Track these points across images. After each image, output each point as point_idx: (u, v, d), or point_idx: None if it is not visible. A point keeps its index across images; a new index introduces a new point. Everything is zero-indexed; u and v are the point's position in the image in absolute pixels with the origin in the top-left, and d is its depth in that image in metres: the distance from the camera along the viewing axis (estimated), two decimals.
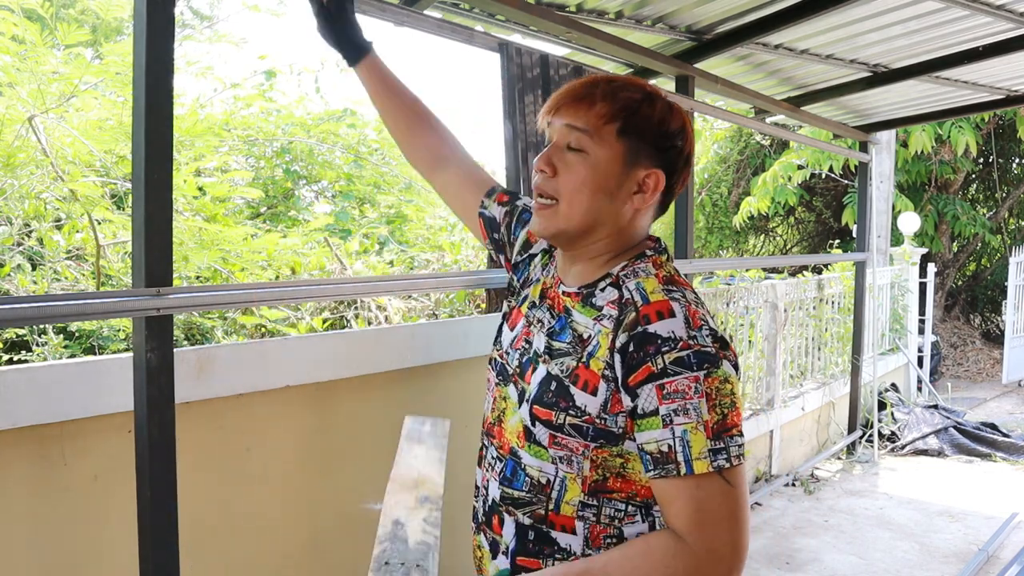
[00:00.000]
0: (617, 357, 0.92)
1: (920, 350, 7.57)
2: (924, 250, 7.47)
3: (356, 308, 3.49)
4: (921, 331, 7.67)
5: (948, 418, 5.44)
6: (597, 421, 0.94)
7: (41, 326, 2.64)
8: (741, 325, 4.48)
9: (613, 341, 0.94)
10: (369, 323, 3.46)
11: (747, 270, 5.89)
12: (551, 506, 0.98)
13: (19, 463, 1.46)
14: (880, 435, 5.34)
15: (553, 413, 0.97)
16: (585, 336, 0.98)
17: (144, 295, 1.43)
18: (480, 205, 1.29)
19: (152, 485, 1.46)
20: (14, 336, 2.70)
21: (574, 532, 0.97)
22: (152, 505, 1.46)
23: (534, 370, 1.02)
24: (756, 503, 4.11)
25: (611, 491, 0.96)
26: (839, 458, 5.03)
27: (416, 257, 4.30)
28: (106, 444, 1.58)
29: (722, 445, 0.87)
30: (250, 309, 3.03)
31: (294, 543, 1.95)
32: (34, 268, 3.09)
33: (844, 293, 5.57)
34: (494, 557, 1.04)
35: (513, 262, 1.23)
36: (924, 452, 5.17)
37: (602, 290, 1.01)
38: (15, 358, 2.59)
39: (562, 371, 0.98)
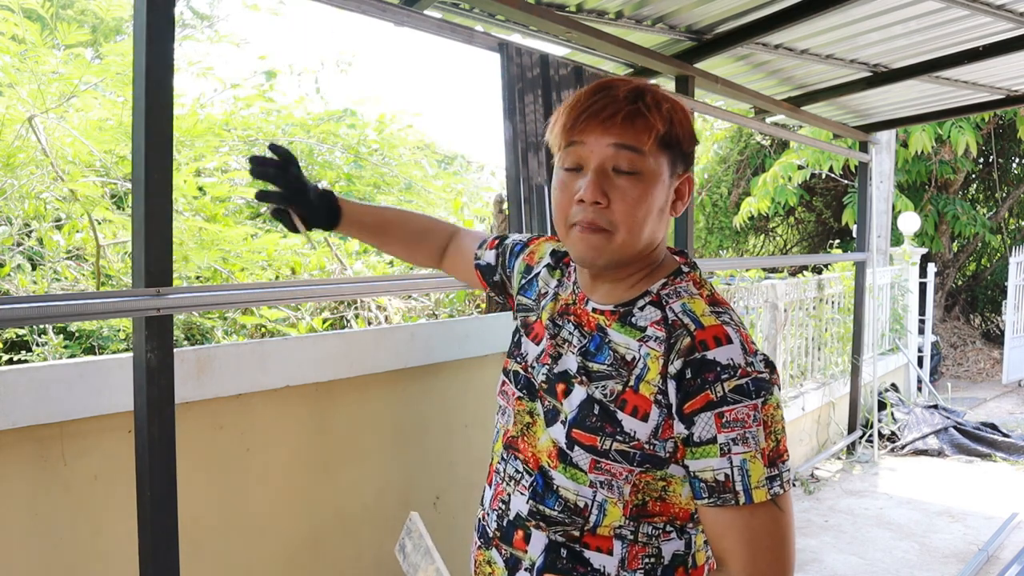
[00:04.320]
0: (672, 383, 0.89)
1: (920, 350, 7.57)
2: (924, 250, 7.47)
3: (356, 308, 3.49)
4: (921, 331, 7.67)
5: (948, 418, 5.44)
6: (646, 447, 0.91)
7: (41, 326, 2.64)
8: None
9: (665, 366, 0.90)
10: (369, 323, 3.46)
11: (747, 270, 5.89)
12: (588, 527, 0.95)
13: (19, 463, 1.46)
14: (880, 435, 5.34)
15: (598, 439, 0.93)
16: (629, 358, 0.94)
17: (144, 295, 1.43)
18: (474, 258, 1.29)
19: (152, 485, 1.46)
20: (14, 336, 2.70)
21: (610, 553, 0.94)
22: (152, 505, 1.47)
23: (566, 390, 0.97)
24: None
25: (651, 514, 0.94)
26: (839, 458, 5.03)
27: None
28: (106, 444, 1.58)
29: (777, 472, 0.86)
30: (250, 309, 3.03)
31: (294, 543, 1.95)
32: (34, 268, 3.09)
33: (844, 293, 5.56)
34: (513, 574, 0.99)
35: (516, 293, 1.19)
36: (924, 452, 5.17)
37: (641, 309, 0.96)
38: (15, 358, 2.59)
39: (605, 395, 0.93)
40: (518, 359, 1.09)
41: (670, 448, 0.90)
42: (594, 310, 1.00)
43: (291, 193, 1.16)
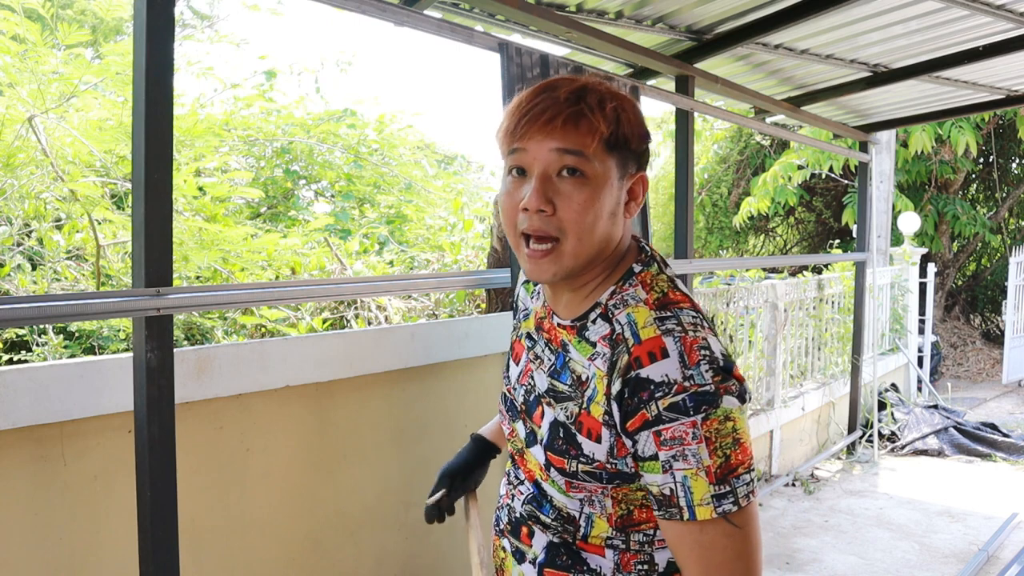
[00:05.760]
0: (614, 404, 0.87)
1: (920, 350, 7.58)
2: (924, 250, 7.47)
3: (356, 308, 3.49)
4: (921, 331, 7.67)
5: (948, 418, 5.44)
6: (608, 466, 0.89)
7: (41, 326, 2.64)
8: (741, 325, 4.48)
9: (609, 387, 0.87)
10: (369, 323, 3.46)
11: (747, 270, 5.89)
12: (579, 535, 0.96)
13: (19, 463, 1.46)
14: (880, 435, 5.34)
15: (565, 461, 0.92)
16: (584, 378, 0.92)
17: (144, 295, 1.43)
18: None
19: (152, 485, 1.46)
20: (14, 336, 2.70)
21: (604, 557, 0.95)
22: (152, 505, 1.47)
23: (542, 412, 0.98)
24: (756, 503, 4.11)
25: (638, 522, 0.93)
26: (839, 458, 5.03)
27: (416, 257, 4.30)
28: (106, 444, 1.58)
29: (727, 488, 0.82)
30: (250, 309, 3.03)
31: (294, 543, 1.95)
32: (34, 268, 3.09)
33: (844, 293, 5.56)
34: (519, 563, 1.02)
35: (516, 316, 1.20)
36: (924, 452, 5.17)
37: (593, 322, 0.93)
38: (15, 358, 2.59)
39: (567, 417, 0.93)
40: (506, 381, 1.10)
41: (631, 463, 0.88)
42: (559, 324, 0.99)
43: (464, 485, 1.31)
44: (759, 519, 0.86)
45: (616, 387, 0.86)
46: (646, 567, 0.94)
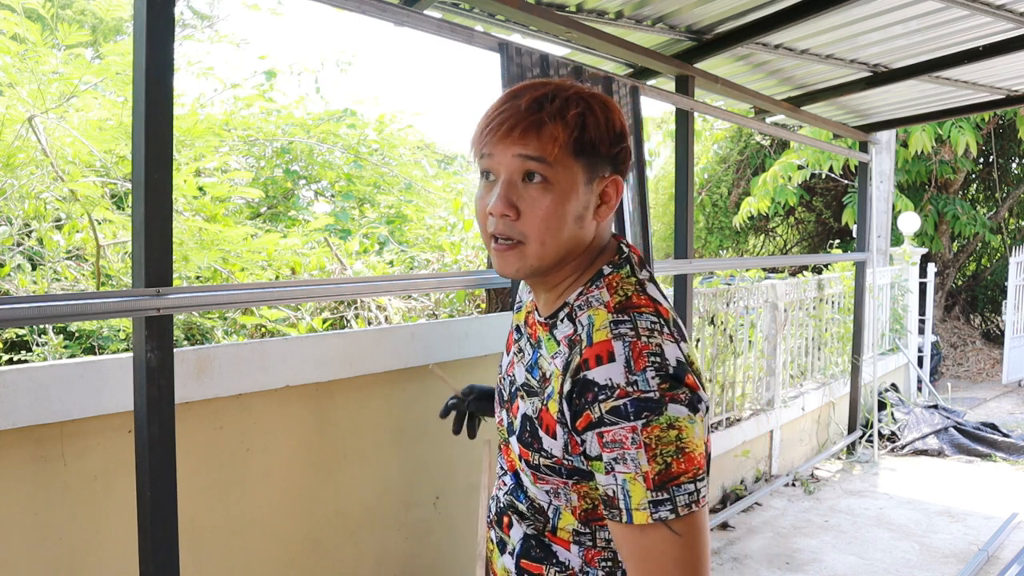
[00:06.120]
0: (565, 403, 0.89)
1: (920, 350, 7.58)
2: (924, 250, 7.47)
3: (356, 308, 3.49)
4: (921, 331, 7.67)
5: (948, 418, 5.44)
6: (564, 462, 0.92)
7: (41, 326, 2.64)
8: (741, 325, 4.48)
9: (562, 385, 0.90)
10: (369, 323, 3.46)
11: (747, 270, 5.89)
12: (549, 527, 0.99)
13: (19, 463, 1.46)
14: (880, 435, 5.34)
15: (530, 454, 0.95)
16: (547, 375, 0.95)
17: (144, 295, 1.43)
18: None
19: (152, 485, 1.46)
20: (14, 336, 2.70)
21: (570, 551, 0.98)
22: (152, 505, 1.47)
23: (518, 405, 1.01)
24: (756, 503, 4.11)
25: (601, 517, 0.94)
26: (839, 458, 5.03)
27: (416, 257, 4.30)
28: (106, 444, 1.58)
29: (666, 496, 0.82)
30: (250, 309, 3.03)
31: (294, 543, 1.95)
32: (34, 268, 3.09)
33: (844, 293, 5.57)
34: (502, 554, 1.06)
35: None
36: (924, 452, 5.17)
37: (561, 321, 0.96)
38: (15, 358, 2.59)
39: (533, 412, 0.96)
40: (499, 370, 1.14)
41: (584, 461, 0.90)
42: (538, 321, 1.02)
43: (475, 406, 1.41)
44: (707, 530, 0.86)
45: (567, 386, 0.88)
46: (610, 564, 0.96)
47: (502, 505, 1.06)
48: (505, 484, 1.06)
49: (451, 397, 1.43)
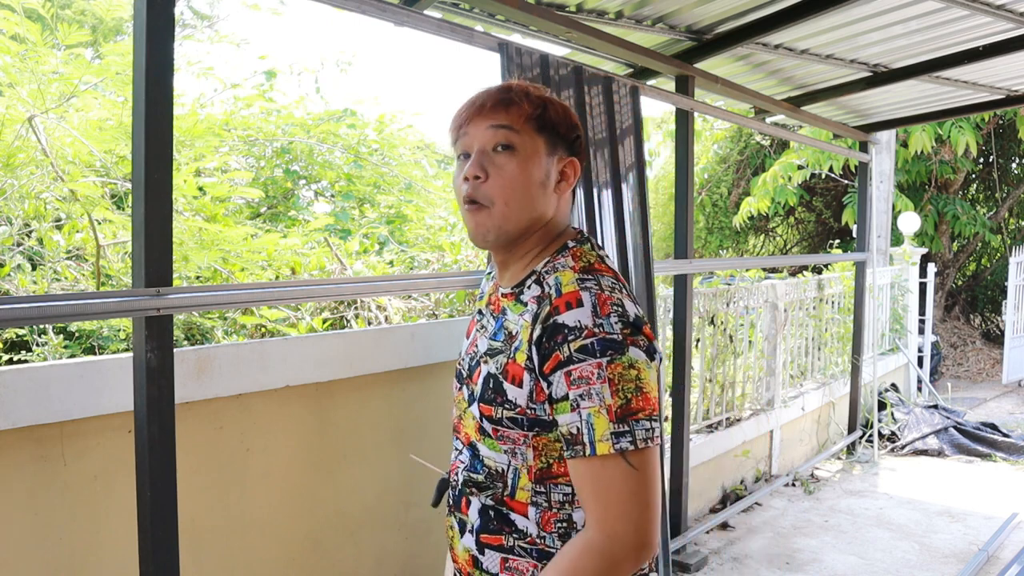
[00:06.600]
0: (534, 349, 0.98)
1: (920, 350, 7.57)
2: (924, 250, 7.47)
3: (356, 308, 3.49)
4: (921, 331, 7.67)
5: (948, 418, 5.44)
6: (528, 412, 0.99)
7: (41, 326, 2.64)
8: (741, 325, 4.48)
9: (531, 334, 0.99)
10: (369, 323, 3.46)
11: (747, 270, 5.89)
12: (507, 491, 1.04)
13: (19, 463, 1.46)
14: (880, 435, 5.34)
15: (492, 408, 1.02)
16: (513, 332, 1.04)
17: (144, 295, 1.43)
18: None
19: (152, 485, 1.46)
20: (14, 336, 2.70)
21: (527, 516, 1.03)
22: (152, 505, 1.47)
23: (480, 372, 1.08)
24: (756, 503, 4.11)
25: (556, 476, 1.01)
26: (839, 458, 5.03)
27: (416, 257, 4.30)
28: (106, 444, 1.58)
29: (626, 428, 0.91)
30: (250, 309, 3.03)
31: (294, 543, 1.95)
32: (34, 268, 3.09)
33: (844, 293, 5.56)
34: (462, 536, 1.11)
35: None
36: (924, 452, 5.17)
37: (528, 287, 1.06)
38: (15, 358, 2.59)
39: (497, 369, 1.03)
40: (459, 356, 1.22)
41: (547, 409, 0.98)
42: (502, 295, 1.12)
43: None
44: (659, 470, 0.95)
45: (536, 332, 0.98)
46: (564, 525, 1.02)
47: (459, 488, 1.12)
48: (461, 463, 1.12)
49: (440, 479, 1.34)
